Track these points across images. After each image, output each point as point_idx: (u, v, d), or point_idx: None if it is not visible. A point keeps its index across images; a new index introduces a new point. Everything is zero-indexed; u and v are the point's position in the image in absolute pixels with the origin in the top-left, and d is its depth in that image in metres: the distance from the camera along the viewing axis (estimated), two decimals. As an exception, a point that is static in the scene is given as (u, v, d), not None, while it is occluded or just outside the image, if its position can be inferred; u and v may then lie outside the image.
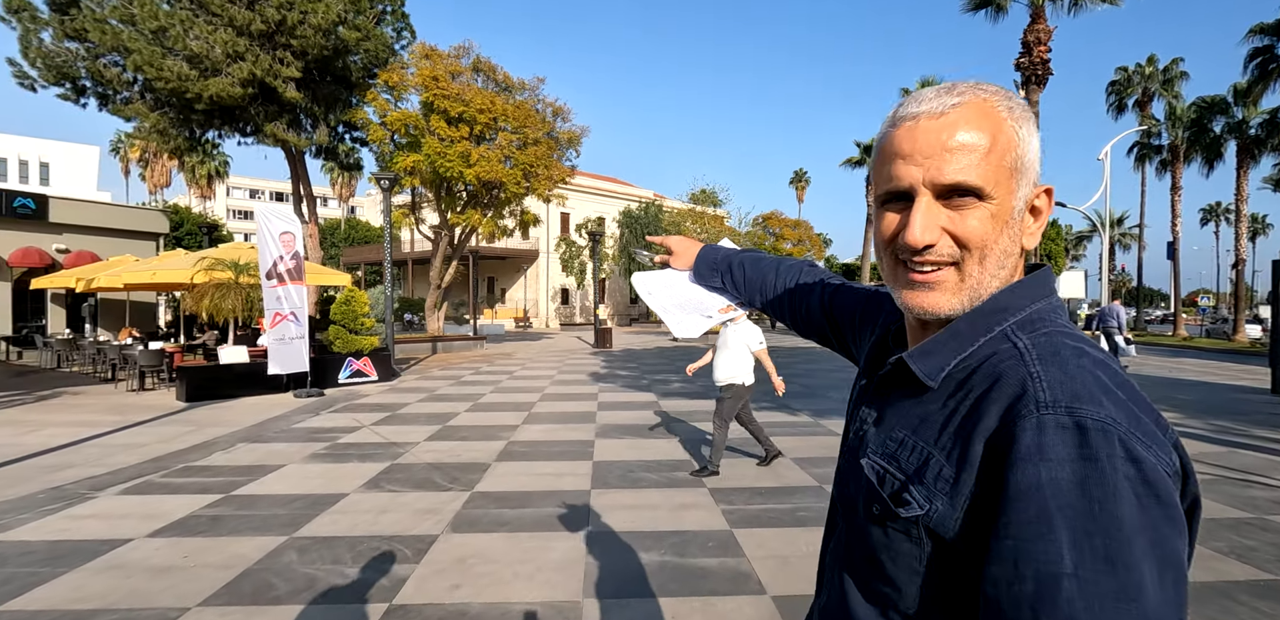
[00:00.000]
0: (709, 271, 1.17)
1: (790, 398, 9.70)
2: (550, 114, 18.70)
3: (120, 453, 6.25)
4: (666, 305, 1.17)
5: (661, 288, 1.19)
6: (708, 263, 1.18)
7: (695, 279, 1.19)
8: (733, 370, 5.46)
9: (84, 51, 13.39)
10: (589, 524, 4.18)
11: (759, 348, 5.48)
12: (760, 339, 5.50)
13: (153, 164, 41.79)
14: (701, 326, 1.14)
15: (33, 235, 16.65)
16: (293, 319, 9.83)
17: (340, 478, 5.33)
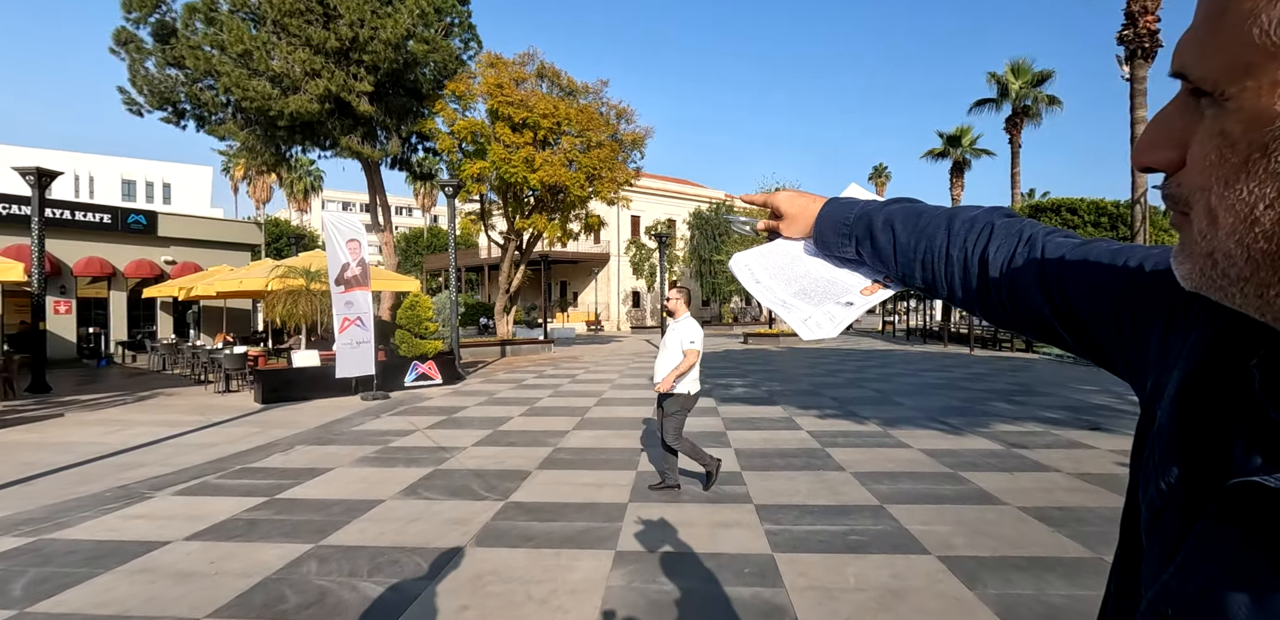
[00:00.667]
0: (838, 238, 0.79)
1: (859, 404, 9.06)
2: (614, 116, 18.64)
3: (189, 453, 6.52)
4: (783, 296, 0.82)
5: (771, 270, 0.84)
6: (835, 225, 0.79)
7: (819, 250, 0.83)
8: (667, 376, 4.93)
9: (183, 77, 14.44)
10: (619, 542, 3.89)
11: (689, 347, 4.79)
12: (696, 338, 4.82)
13: (255, 181, 45.13)
14: (840, 320, 0.78)
15: (144, 248, 18.18)
16: (359, 324, 10.11)
17: (382, 483, 5.30)
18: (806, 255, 0.83)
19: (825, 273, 0.81)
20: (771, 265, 0.84)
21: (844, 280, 0.80)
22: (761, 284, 0.83)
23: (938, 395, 10.03)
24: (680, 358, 4.81)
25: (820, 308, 0.79)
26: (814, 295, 0.80)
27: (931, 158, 31.05)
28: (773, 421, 7.87)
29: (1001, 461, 5.73)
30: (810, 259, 0.83)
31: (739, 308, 46.96)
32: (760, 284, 0.83)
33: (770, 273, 0.83)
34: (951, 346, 21.77)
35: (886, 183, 71.93)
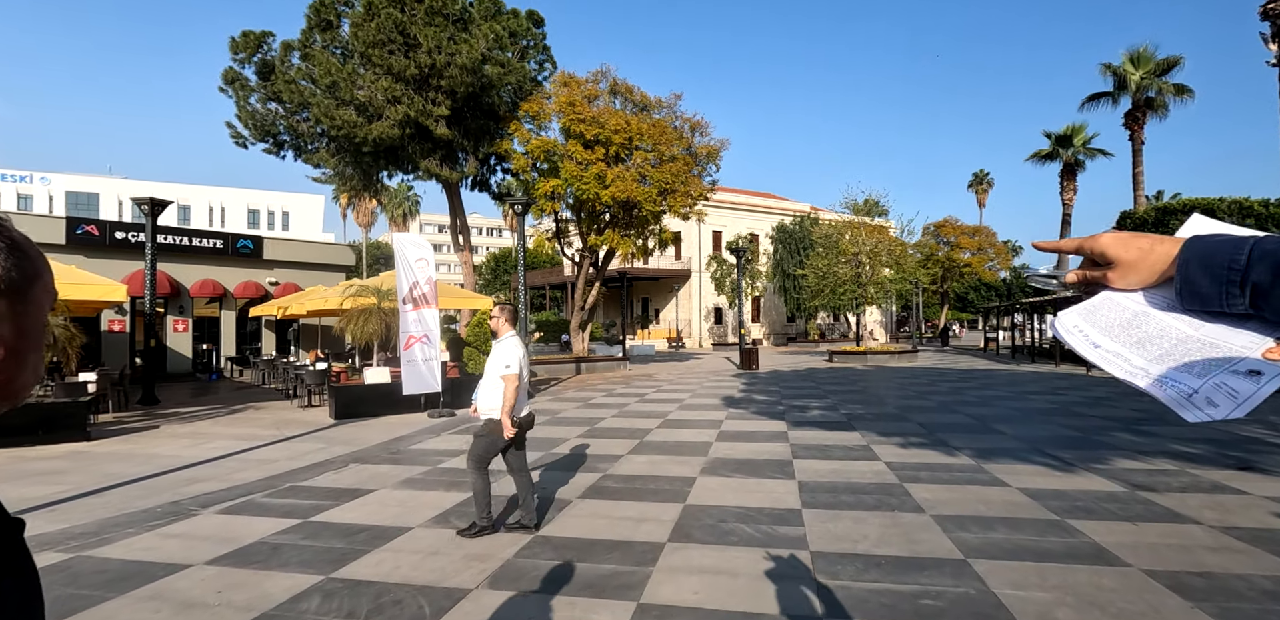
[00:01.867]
0: (1222, 287, 0.60)
1: (950, 431, 8.09)
2: (688, 129, 18.37)
3: (250, 468, 6.64)
4: (1140, 363, 0.65)
5: (1112, 331, 0.68)
6: (1217, 271, 0.60)
7: (1183, 303, 0.65)
8: (491, 402, 4.38)
9: (282, 111, 15.50)
10: (644, 592, 3.42)
11: (505, 372, 4.26)
12: (512, 361, 4.28)
13: (357, 206, 48.32)
14: (1245, 395, 0.59)
15: (251, 270, 19.60)
16: (426, 341, 10.22)
17: (416, 508, 5.09)
18: (1155, 310, 0.68)
19: (1191, 331, 0.65)
20: (1109, 324, 0.69)
21: (1225, 341, 0.63)
22: (1103, 348, 0.68)
23: (1045, 423, 8.84)
24: (501, 386, 4.28)
25: (1208, 379, 0.61)
26: (1186, 360, 0.64)
27: (1038, 160, 28.67)
28: (847, 450, 7.12)
29: (1123, 508, 4.77)
30: (1160, 314, 0.67)
31: (826, 324, 45.13)
32: (1101, 348, 0.68)
33: (1111, 335, 0.69)
34: (1065, 366, 19.65)
35: (988, 190, 67.55)
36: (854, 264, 23.61)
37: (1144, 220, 18.16)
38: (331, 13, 14.58)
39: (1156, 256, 0.66)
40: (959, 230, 45.44)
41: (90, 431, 8.63)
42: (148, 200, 12.06)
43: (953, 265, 45.53)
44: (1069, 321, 0.71)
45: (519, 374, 4.32)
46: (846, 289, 23.51)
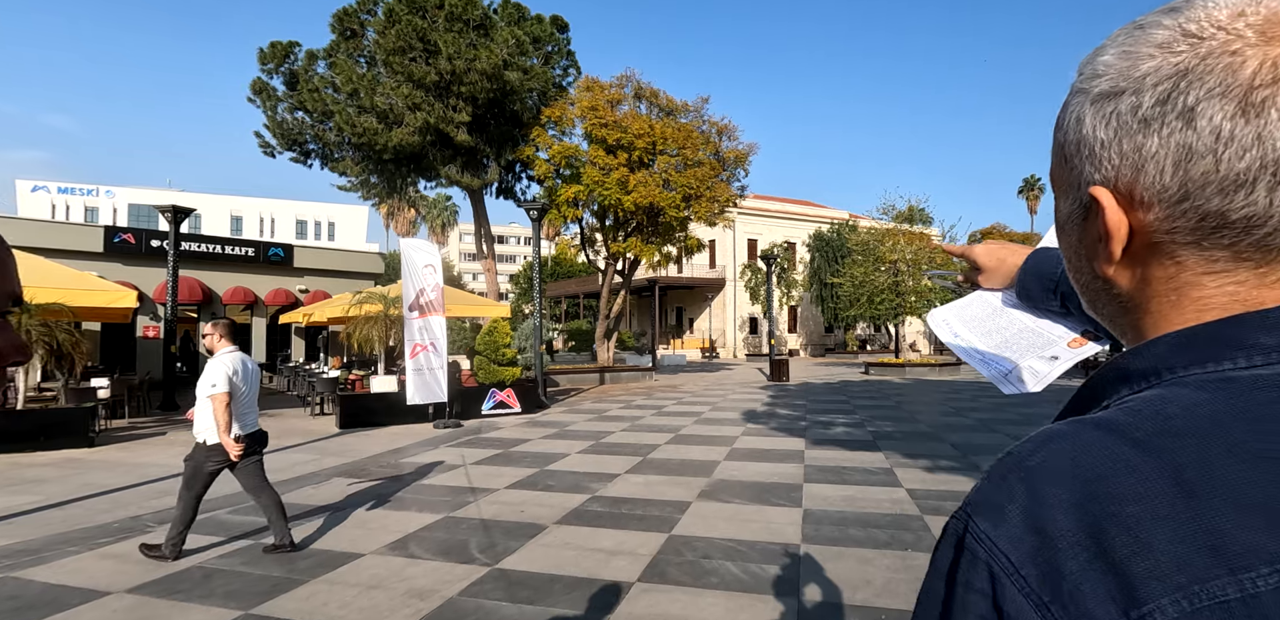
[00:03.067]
0: (1044, 293, 0.75)
1: (986, 454, 7.33)
2: (715, 133, 17.88)
3: (231, 481, 6.35)
4: (982, 348, 0.79)
5: (970, 322, 0.82)
6: (1041, 280, 0.75)
7: (1021, 303, 0.80)
8: (200, 424, 4.05)
9: (308, 120, 15.64)
10: (591, 647, 2.91)
11: (211, 391, 3.96)
12: (218, 380, 3.98)
13: (397, 217, 49.24)
14: (1043, 375, 0.73)
15: (282, 278, 19.85)
16: (432, 350, 9.93)
17: (377, 531, 4.69)
18: (1007, 306, 0.82)
19: (1029, 323, 0.79)
20: (970, 317, 0.84)
21: (1048, 332, 0.78)
22: (960, 338, 0.83)
23: (1097, 445, 7.96)
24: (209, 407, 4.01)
25: (1023, 361, 0.76)
26: (1016, 348, 0.78)
27: (1091, 163, 27.11)
28: (866, 473, 6.45)
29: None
30: (1012, 310, 0.82)
31: (866, 335, 43.72)
32: (959, 338, 0.83)
33: (970, 326, 0.84)
34: (1123, 381, 18.27)
35: (1040, 197, 65.00)
36: (892, 272, 22.63)
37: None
38: (355, 21, 14.67)
39: (1009, 266, 0.82)
40: (1007, 237, 43.56)
41: (94, 438, 8.58)
42: (170, 207, 12.19)
43: (1001, 274, 43.70)
44: (940, 315, 0.86)
45: (228, 392, 4.01)
46: (884, 298, 22.51)
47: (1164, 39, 0.38)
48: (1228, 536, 0.29)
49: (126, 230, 17.11)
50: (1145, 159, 0.39)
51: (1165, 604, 0.29)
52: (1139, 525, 0.30)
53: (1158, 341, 0.41)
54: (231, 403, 4.06)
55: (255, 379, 4.41)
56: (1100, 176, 0.41)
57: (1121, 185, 0.40)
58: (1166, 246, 0.40)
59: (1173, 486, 0.31)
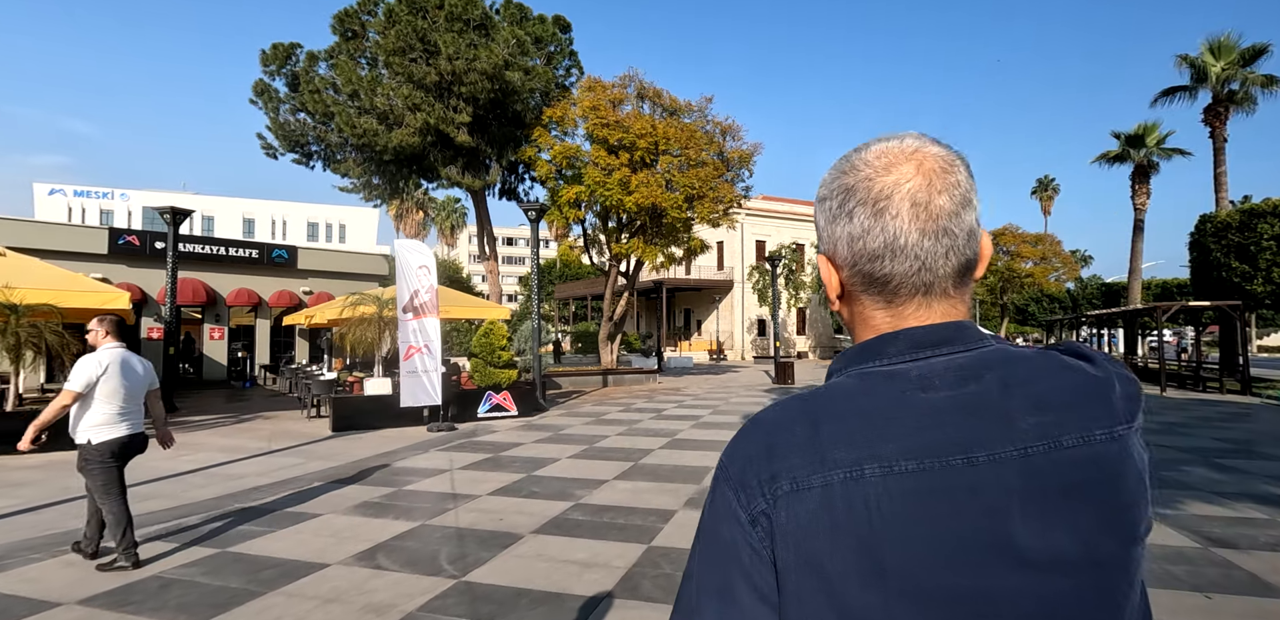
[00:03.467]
0: None
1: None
2: (719, 133, 17.69)
3: (212, 485, 6.26)
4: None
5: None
6: None
7: None
8: (84, 423, 3.98)
9: (310, 121, 15.62)
10: (546, 670, 2.73)
11: (66, 386, 3.89)
12: (77, 375, 3.89)
13: (405, 219, 49.38)
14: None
15: (286, 280, 19.88)
16: (426, 352, 9.81)
17: (349, 539, 4.54)
18: None
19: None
20: None
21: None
22: None
23: (1106, 452, 7.68)
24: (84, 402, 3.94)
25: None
26: None
27: (1105, 162, 26.65)
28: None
29: (1193, 571, 3.80)
30: None
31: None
32: None
33: None
34: (1137, 385, 17.83)
35: (1054, 197, 64.05)
36: (900, 273, 22.34)
37: (1226, 224, 16.36)
38: (356, 22, 14.63)
39: None
40: (1019, 238, 42.94)
41: (84, 440, 8.52)
42: (169, 209, 12.18)
43: (1013, 275, 43.01)
44: None
45: (78, 392, 3.88)
46: (892, 300, 22.23)
47: (846, 167, 0.63)
48: (825, 452, 0.54)
49: (131, 232, 17.20)
50: (836, 239, 0.63)
51: (784, 484, 0.54)
52: (785, 444, 0.56)
53: (847, 351, 0.65)
54: (96, 401, 3.95)
55: (139, 378, 4.21)
56: (822, 248, 0.66)
57: (828, 254, 0.65)
58: (855, 293, 0.64)
59: (807, 425, 0.56)
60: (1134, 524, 0.54)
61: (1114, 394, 0.56)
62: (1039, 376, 0.56)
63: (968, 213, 0.60)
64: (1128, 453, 0.55)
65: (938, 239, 0.59)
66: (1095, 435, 0.54)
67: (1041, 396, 0.55)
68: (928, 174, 0.59)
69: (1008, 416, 0.54)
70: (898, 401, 0.55)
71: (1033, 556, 0.51)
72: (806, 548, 0.52)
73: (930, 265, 0.59)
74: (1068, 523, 0.51)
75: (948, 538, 0.51)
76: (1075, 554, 0.51)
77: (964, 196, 0.60)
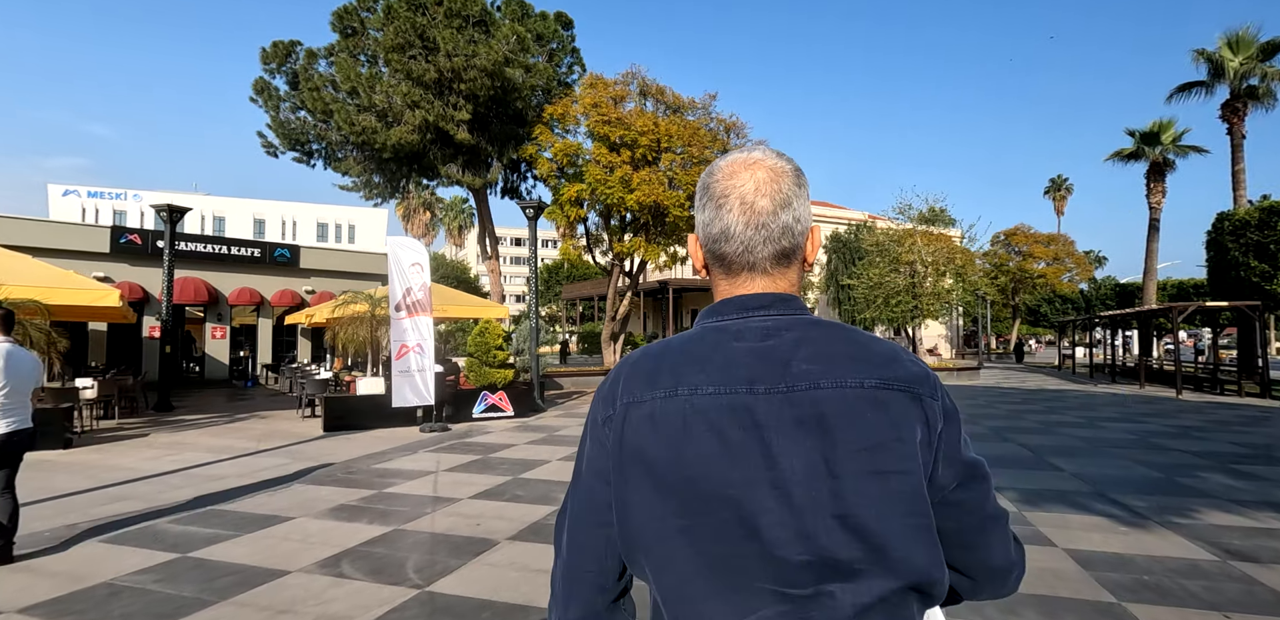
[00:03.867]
0: None
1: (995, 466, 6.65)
2: (723, 131, 17.45)
3: (190, 485, 6.10)
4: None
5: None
6: None
7: None
8: None
9: (310, 120, 15.53)
10: (496, 693, 2.51)
11: None
12: None
13: (412, 219, 49.44)
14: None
15: (288, 279, 19.82)
16: (418, 351, 9.64)
17: (317, 545, 4.35)
18: None
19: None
20: None
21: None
22: None
23: (1117, 457, 7.38)
24: None
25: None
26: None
27: (1120, 160, 26.14)
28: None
29: (1210, 586, 3.53)
30: None
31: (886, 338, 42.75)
32: None
33: None
34: (1151, 387, 17.42)
35: (1067, 197, 63.16)
36: (909, 273, 21.94)
37: (1244, 222, 15.90)
38: (355, 19, 14.52)
39: None
40: (1031, 238, 42.29)
41: (71, 439, 8.42)
42: (166, 207, 12.10)
43: (1024, 276, 42.37)
44: None
45: None
46: (901, 300, 21.83)
47: (709, 171, 0.83)
48: (657, 379, 0.75)
49: (133, 231, 17.19)
50: (700, 223, 0.83)
51: (627, 398, 0.75)
52: (634, 374, 0.78)
53: (703, 311, 0.83)
54: None
55: (25, 374, 4.14)
56: (695, 229, 0.85)
57: (696, 235, 0.85)
58: (710, 266, 0.84)
59: (651, 362, 0.78)
60: (884, 458, 0.68)
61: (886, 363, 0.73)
62: (826, 340, 0.74)
63: (785, 213, 0.78)
64: (883, 405, 0.69)
65: (757, 230, 0.78)
66: (848, 382, 0.70)
67: (820, 352, 0.73)
68: (757, 182, 0.79)
69: (787, 363, 0.72)
70: (715, 347, 0.76)
71: (781, 463, 0.68)
72: (635, 442, 0.74)
73: (751, 249, 0.78)
74: (811, 442, 0.68)
75: (728, 440, 0.70)
76: (811, 468, 0.67)
77: (784, 200, 0.78)
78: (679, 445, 0.70)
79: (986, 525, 0.78)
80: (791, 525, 0.66)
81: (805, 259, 0.82)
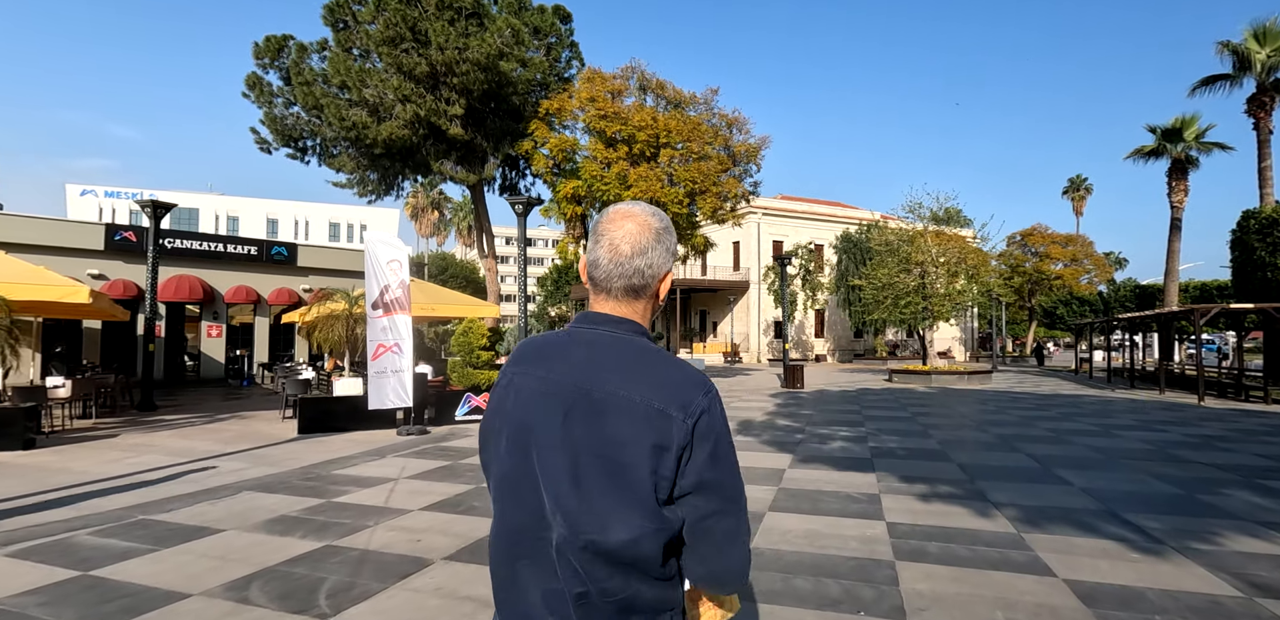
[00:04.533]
0: None
1: (997, 478, 6.27)
2: (725, 126, 16.98)
3: (134, 491, 5.76)
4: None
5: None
6: None
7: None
8: None
9: (304, 115, 15.27)
10: None
11: None
12: None
13: (421, 218, 49.38)
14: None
15: (286, 278, 19.62)
16: (396, 350, 9.28)
17: (236, 563, 3.96)
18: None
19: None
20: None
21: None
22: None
23: (1132, 470, 6.83)
24: None
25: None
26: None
27: (1140, 158, 25.30)
28: (847, 500, 5.51)
29: (1234, 631, 3.02)
30: None
31: (898, 340, 41.97)
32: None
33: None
34: (1172, 393, 16.69)
35: (1086, 197, 61.81)
36: (919, 274, 21.31)
37: (1272, 220, 15.15)
38: (346, 13, 14.24)
39: None
40: (1049, 239, 41.32)
41: (35, 440, 8.14)
42: (150, 202, 11.88)
43: (1041, 277, 41.38)
44: None
45: None
46: (910, 301, 21.19)
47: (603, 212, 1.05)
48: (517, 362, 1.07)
49: (128, 228, 17.05)
50: (587, 249, 1.05)
51: (508, 371, 1.08)
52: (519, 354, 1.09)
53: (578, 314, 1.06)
54: None
55: None
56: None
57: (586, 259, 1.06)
58: (588, 282, 1.05)
59: (520, 350, 1.09)
60: (621, 448, 0.91)
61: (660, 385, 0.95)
62: (614, 351, 0.99)
63: (640, 259, 1.01)
64: (640, 415, 0.92)
65: (616, 266, 1.01)
66: (622, 392, 0.93)
67: (601, 358, 0.98)
68: (625, 231, 1.02)
69: (574, 361, 0.99)
70: (554, 344, 1.04)
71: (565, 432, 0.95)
72: (503, 404, 1.04)
73: (610, 280, 1.02)
74: (582, 428, 0.94)
75: (532, 409, 0.99)
76: (565, 441, 0.94)
77: (640, 250, 1.01)
78: (521, 406, 1.00)
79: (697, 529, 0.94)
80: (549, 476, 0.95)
81: (656, 295, 1.06)
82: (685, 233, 17.23)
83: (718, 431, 0.93)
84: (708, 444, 0.91)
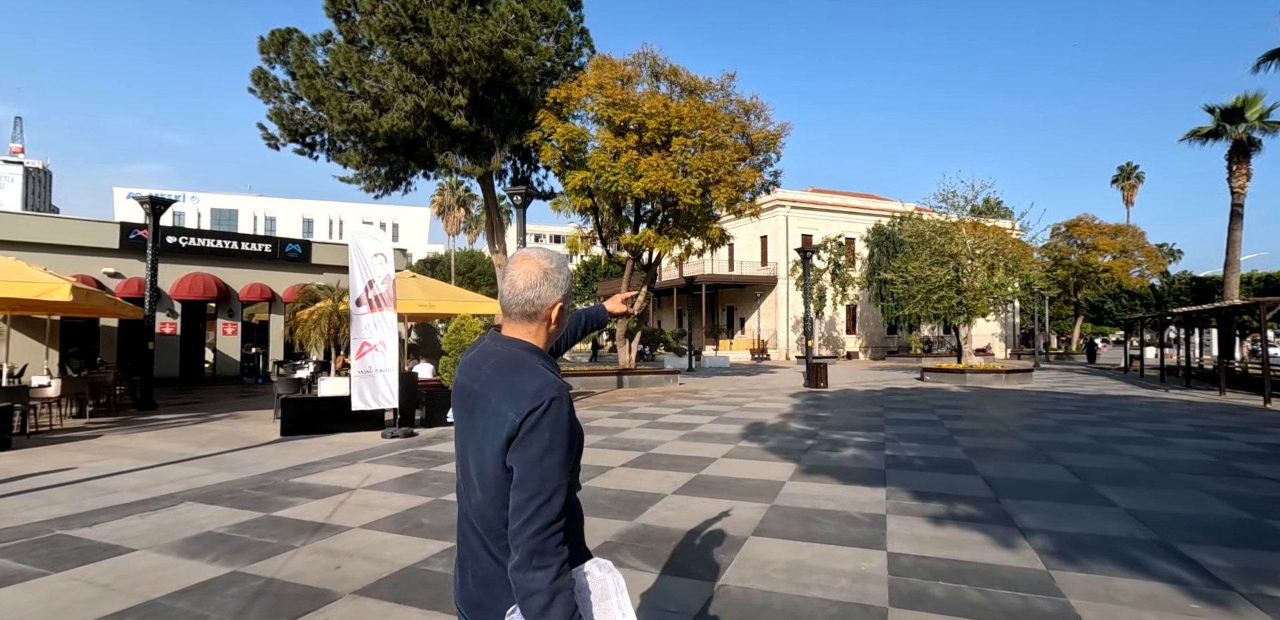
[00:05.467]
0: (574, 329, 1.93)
1: (1025, 496, 5.43)
2: (742, 112, 16.18)
3: (66, 502, 5.37)
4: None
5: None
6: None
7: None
8: None
9: (309, 110, 15.02)
10: None
11: None
12: None
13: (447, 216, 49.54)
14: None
15: (300, 275, 19.54)
16: (381, 349, 8.84)
17: (119, 593, 3.47)
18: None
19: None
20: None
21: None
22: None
23: (1189, 488, 5.91)
24: None
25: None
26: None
27: (1197, 140, 23.55)
28: (847, 522, 4.78)
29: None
30: None
31: (934, 337, 40.38)
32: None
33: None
34: (1233, 394, 15.31)
35: (1137, 186, 58.81)
36: (953, 267, 20.13)
37: (1352, 205, 13.66)
38: (348, 3, 13.89)
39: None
40: (1096, 229, 39.16)
41: (10, 440, 7.93)
42: (148, 199, 11.70)
43: (1088, 270, 39.26)
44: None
45: None
46: (943, 296, 20.03)
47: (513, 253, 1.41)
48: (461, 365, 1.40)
49: (142, 226, 17.09)
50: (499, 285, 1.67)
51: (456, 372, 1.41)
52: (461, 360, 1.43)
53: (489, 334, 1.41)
54: None
55: None
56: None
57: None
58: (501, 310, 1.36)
59: (466, 354, 1.42)
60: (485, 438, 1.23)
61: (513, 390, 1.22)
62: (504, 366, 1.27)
63: (530, 292, 1.30)
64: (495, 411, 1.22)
65: (512, 296, 1.31)
66: (491, 393, 1.24)
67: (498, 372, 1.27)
68: (521, 269, 1.31)
69: (479, 368, 1.32)
70: (477, 356, 1.36)
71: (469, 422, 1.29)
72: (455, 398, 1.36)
73: (508, 306, 1.32)
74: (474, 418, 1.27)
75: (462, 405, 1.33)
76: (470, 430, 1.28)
77: (530, 284, 1.30)
78: (457, 402, 1.35)
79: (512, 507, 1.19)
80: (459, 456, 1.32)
81: (549, 321, 1.34)
82: (701, 226, 16.49)
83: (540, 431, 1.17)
84: (531, 436, 1.16)
